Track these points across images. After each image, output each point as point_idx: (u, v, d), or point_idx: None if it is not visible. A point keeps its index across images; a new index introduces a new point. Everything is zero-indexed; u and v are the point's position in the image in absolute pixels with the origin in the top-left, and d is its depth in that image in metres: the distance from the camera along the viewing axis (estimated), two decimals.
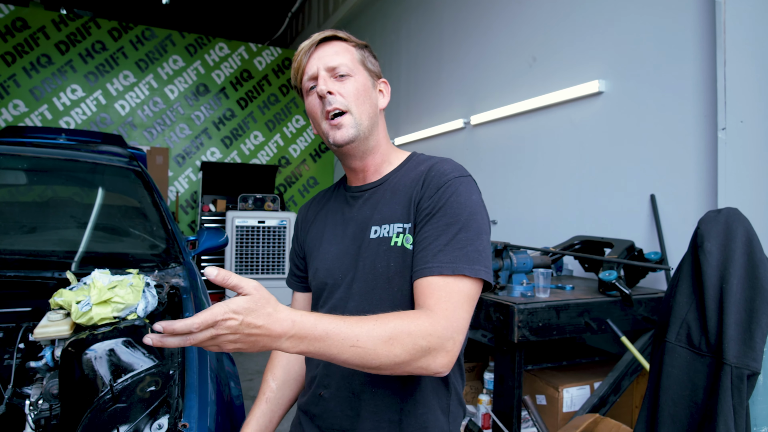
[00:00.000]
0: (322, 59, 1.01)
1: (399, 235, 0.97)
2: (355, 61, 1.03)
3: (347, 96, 1.00)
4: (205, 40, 6.89)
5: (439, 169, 0.99)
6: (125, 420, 1.12)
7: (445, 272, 0.88)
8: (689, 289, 1.15)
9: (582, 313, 2.03)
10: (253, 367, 4.49)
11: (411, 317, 0.83)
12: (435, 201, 0.94)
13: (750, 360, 1.04)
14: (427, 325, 0.82)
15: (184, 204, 6.78)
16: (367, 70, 1.05)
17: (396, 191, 1.03)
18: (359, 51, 1.05)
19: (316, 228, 1.15)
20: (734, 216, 1.16)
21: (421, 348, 0.80)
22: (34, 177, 2.43)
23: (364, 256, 1.00)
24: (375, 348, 0.78)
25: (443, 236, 0.91)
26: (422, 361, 0.81)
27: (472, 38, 4.12)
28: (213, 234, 2.49)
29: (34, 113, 6.02)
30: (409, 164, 1.08)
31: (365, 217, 1.04)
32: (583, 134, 3.01)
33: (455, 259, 0.88)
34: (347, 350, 0.77)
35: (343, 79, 1.00)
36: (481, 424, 2.35)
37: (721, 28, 2.18)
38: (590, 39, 2.97)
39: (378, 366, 0.79)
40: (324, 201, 1.19)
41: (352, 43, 1.05)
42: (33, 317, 1.77)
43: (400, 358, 0.79)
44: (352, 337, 0.77)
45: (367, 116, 1.02)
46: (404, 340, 0.79)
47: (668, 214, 2.48)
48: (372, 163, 1.08)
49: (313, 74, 1.01)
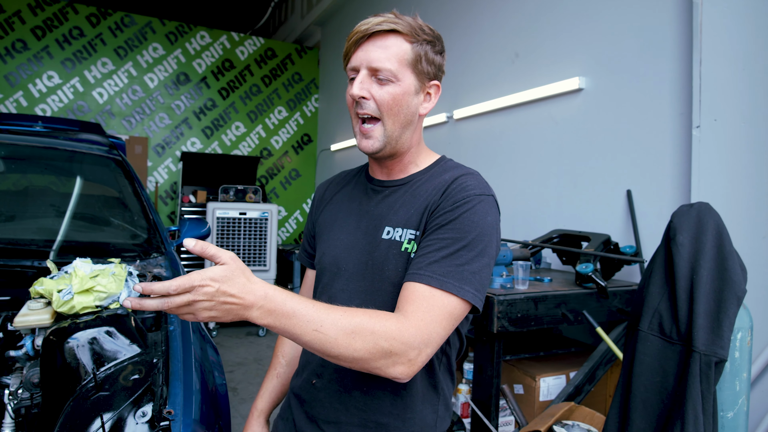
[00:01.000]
0: (369, 55, 0.95)
1: (410, 242, 0.96)
2: (403, 64, 0.95)
3: (382, 104, 0.95)
4: (186, 29, 6.78)
5: (462, 183, 0.95)
6: (109, 408, 1.13)
7: (432, 284, 0.86)
8: (662, 279, 1.20)
9: (559, 304, 2.09)
10: (234, 359, 4.49)
11: (380, 317, 0.82)
12: (449, 215, 0.92)
13: (718, 348, 1.09)
14: (394, 329, 0.81)
15: (163, 195, 6.69)
16: (417, 73, 0.98)
17: (416, 195, 1.00)
18: (416, 49, 0.97)
19: (330, 210, 1.13)
20: (705, 210, 1.20)
21: (381, 349, 0.80)
22: (11, 165, 2.39)
23: (374, 255, 0.99)
24: (336, 337, 0.78)
25: (445, 249, 0.89)
26: (380, 362, 0.81)
27: (456, 33, 4.14)
28: (195, 225, 2.48)
29: (8, 100, 5.87)
30: (435, 169, 1.05)
31: (381, 214, 1.02)
32: (563, 130, 3.07)
33: (447, 274, 0.87)
34: (309, 333, 0.78)
35: (383, 84, 0.95)
36: (460, 413, 2.40)
37: (698, 29, 2.24)
38: (572, 36, 3.02)
39: (336, 356, 0.80)
40: (343, 183, 1.17)
41: (411, 39, 0.96)
42: (11, 306, 1.74)
43: (358, 353, 0.79)
44: (316, 322, 0.78)
45: (400, 126, 0.98)
46: (366, 336, 0.79)
47: (644, 209, 2.55)
48: (399, 163, 1.05)
49: (355, 67, 0.97)
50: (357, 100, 0.96)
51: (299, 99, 7.54)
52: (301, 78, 7.54)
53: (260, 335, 5.33)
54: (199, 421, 1.12)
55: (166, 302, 0.70)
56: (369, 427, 0.97)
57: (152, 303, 0.70)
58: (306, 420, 1.04)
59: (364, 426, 0.98)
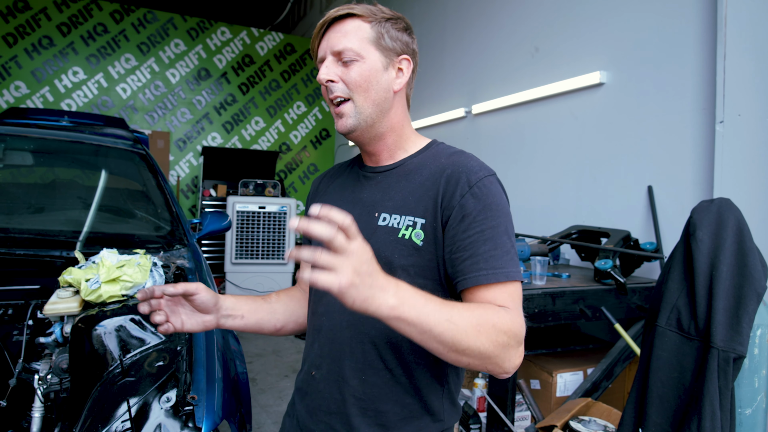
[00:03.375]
0: (330, 42, 0.97)
1: (408, 228, 0.94)
2: (364, 42, 0.96)
3: (349, 83, 0.95)
4: (207, 24, 6.86)
5: (467, 166, 0.94)
6: (134, 393, 1.16)
7: (500, 278, 0.87)
8: (680, 275, 1.19)
9: (577, 300, 2.08)
10: (252, 350, 4.56)
11: (494, 310, 0.82)
12: (470, 203, 0.90)
13: (736, 344, 1.08)
14: (508, 322, 0.81)
15: (184, 189, 6.80)
16: (381, 50, 0.97)
17: (410, 180, 0.99)
18: (376, 27, 0.97)
19: (325, 201, 1.11)
20: (726, 206, 1.19)
21: (502, 343, 0.80)
22: (40, 158, 2.46)
23: (371, 241, 0.93)
24: (466, 329, 0.76)
25: (490, 242, 0.89)
26: (501, 357, 0.80)
27: (475, 28, 4.12)
28: (216, 218, 2.52)
29: (35, 95, 6.02)
30: (427, 152, 1.03)
31: (374, 200, 1.02)
32: (583, 125, 3.04)
33: (505, 265, 0.88)
34: (443, 323, 0.74)
35: (349, 65, 0.95)
36: (477, 407, 2.41)
37: (722, 22, 2.20)
38: (593, 30, 2.99)
39: (465, 349, 0.77)
40: (337, 174, 1.17)
41: (368, 18, 0.97)
42: (41, 295, 1.81)
43: (484, 347, 0.78)
44: (447, 312, 0.76)
45: (372, 103, 0.97)
46: (489, 330, 0.79)
47: (665, 205, 2.52)
48: (384, 147, 1.04)
49: (321, 58, 0.98)
50: (326, 85, 0.97)
51: (318, 94, 7.57)
52: None
53: None
54: (221, 408, 1.15)
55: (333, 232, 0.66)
56: (368, 415, 0.96)
57: (320, 228, 0.65)
58: (307, 413, 1.03)
59: (363, 414, 0.96)
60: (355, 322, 0.97)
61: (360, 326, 0.96)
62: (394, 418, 0.96)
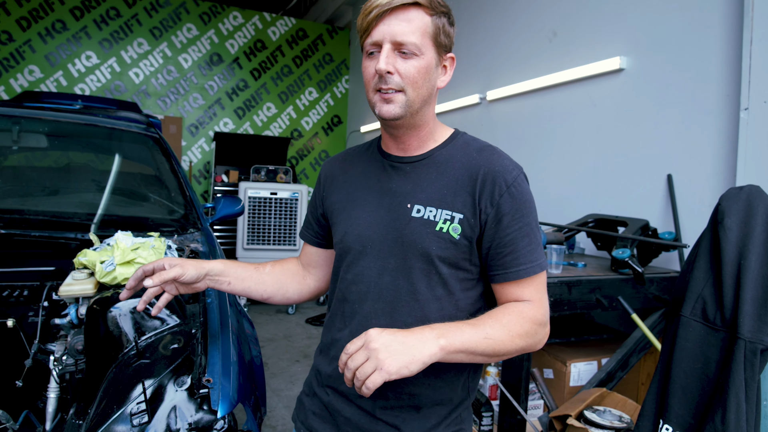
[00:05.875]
0: (392, 29, 0.93)
1: (446, 222, 0.97)
2: (426, 37, 0.95)
3: (406, 77, 0.94)
4: (219, 9, 6.82)
5: (502, 165, 1.00)
6: (150, 375, 1.16)
7: (536, 271, 0.98)
8: (707, 264, 1.16)
9: (593, 289, 2.05)
10: (264, 335, 4.58)
11: (520, 308, 0.97)
12: (507, 202, 0.97)
13: (764, 335, 1.05)
14: (532, 315, 0.96)
15: (197, 174, 6.81)
16: (437, 46, 0.97)
17: (442, 173, 1.01)
18: (435, 21, 0.96)
19: (346, 188, 1.12)
20: (756, 193, 1.16)
21: (533, 334, 0.95)
22: (54, 141, 2.46)
23: (405, 233, 0.99)
24: (502, 339, 0.90)
25: (527, 238, 0.98)
26: (533, 345, 0.97)
27: (491, 12, 4.05)
28: (229, 202, 2.52)
29: (49, 79, 6.03)
30: (454, 143, 1.05)
31: (405, 191, 1.02)
32: (602, 112, 2.98)
33: (538, 257, 0.99)
34: (483, 342, 0.88)
35: (408, 58, 0.94)
36: (489, 395, 2.40)
37: (750, 5, 2.14)
38: (612, 14, 2.92)
39: (504, 354, 0.93)
40: (353, 160, 1.15)
41: (431, 11, 0.95)
42: (56, 277, 1.81)
43: (519, 345, 0.93)
44: (481, 331, 0.89)
45: (421, 99, 0.98)
46: (521, 330, 0.93)
47: (684, 194, 2.47)
48: (416, 138, 1.05)
49: (377, 42, 0.95)
50: (383, 75, 0.94)
51: (330, 80, 7.52)
52: (332, 59, 7.52)
53: (290, 313, 5.42)
54: (237, 391, 1.14)
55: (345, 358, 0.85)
56: (402, 398, 1.00)
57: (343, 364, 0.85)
58: (337, 395, 1.05)
59: (397, 398, 1.00)
60: (390, 310, 1.00)
61: (395, 314, 1.00)
62: (426, 400, 1.01)
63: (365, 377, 0.80)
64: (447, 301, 1.00)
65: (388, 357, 0.80)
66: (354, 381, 0.82)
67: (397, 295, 0.99)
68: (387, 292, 1.00)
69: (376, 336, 0.83)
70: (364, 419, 1.01)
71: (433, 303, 0.99)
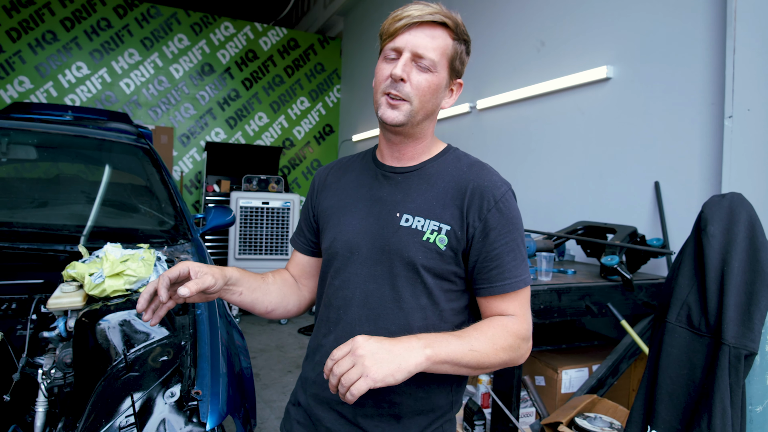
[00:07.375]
0: (416, 41, 0.97)
1: (433, 233, 0.99)
2: (444, 57, 1.00)
3: (416, 88, 0.98)
4: (211, 19, 6.84)
5: (491, 180, 1.02)
6: (138, 388, 1.16)
7: (520, 286, 1.00)
8: (691, 271, 1.18)
9: (583, 296, 2.06)
10: (256, 345, 4.56)
11: (504, 323, 0.98)
12: (495, 217, 0.99)
13: (748, 341, 1.07)
14: (516, 330, 0.98)
15: (188, 184, 6.79)
16: (451, 69, 1.03)
17: (432, 185, 1.04)
18: (456, 46, 1.02)
19: (337, 195, 1.13)
20: (738, 201, 1.17)
21: (515, 348, 0.97)
22: (44, 152, 2.45)
23: (392, 241, 1.01)
24: (486, 352, 0.92)
25: (512, 253, 1.00)
26: (515, 359, 0.98)
27: (480, 21, 4.10)
28: (220, 212, 2.51)
29: (39, 90, 6.01)
30: (445, 157, 1.08)
31: (395, 200, 1.04)
32: (590, 120, 3.01)
33: (523, 272, 1.01)
34: (468, 354, 0.89)
35: (423, 71, 0.98)
36: (481, 403, 2.40)
37: (732, 16, 2.18)
38: (600, 24, 2.96)
39: (487, 367, 0.94)
40: (346, 169, 1.17)
41: (455, 36, 1.02)
42: (45, 289, 1.80)
43: (502, 359, 0.94)
44: (466, 343, 0.90)
45: (424, 112, 1.01)
46: (504, 344, 0.95)
47: (671, 201, 2.50)
48: (412, 149, 1.07)
49: (399, 48, 0.98)
50: (396, 80, 0.97)
51: (321, 89, 7.55)
52: (323, 68, 7.55)
53: (282, 323, 5.40)
54: (226, 403, 1.14)
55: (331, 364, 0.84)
56: (383, 407, 1.00)
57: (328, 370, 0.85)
58: (317, 402, 1.06)
59: (378, 406, 1.00)
60: (374, 317, 1.01)
61: (379, 321, 1.01)
62: (406, 410, 1.01)
63: (350, 384, 0.80)
64: (431, 310, 1.00)
65: (374, 364, 0.80)
66: (339, 387, 0.82)
67: (381, 302, 1.00)
68: (372, 299, 1.01)
69: (363, 343, 0.83)
70: (345, 427, 1.02)
71: (417, 312, 1.00)
